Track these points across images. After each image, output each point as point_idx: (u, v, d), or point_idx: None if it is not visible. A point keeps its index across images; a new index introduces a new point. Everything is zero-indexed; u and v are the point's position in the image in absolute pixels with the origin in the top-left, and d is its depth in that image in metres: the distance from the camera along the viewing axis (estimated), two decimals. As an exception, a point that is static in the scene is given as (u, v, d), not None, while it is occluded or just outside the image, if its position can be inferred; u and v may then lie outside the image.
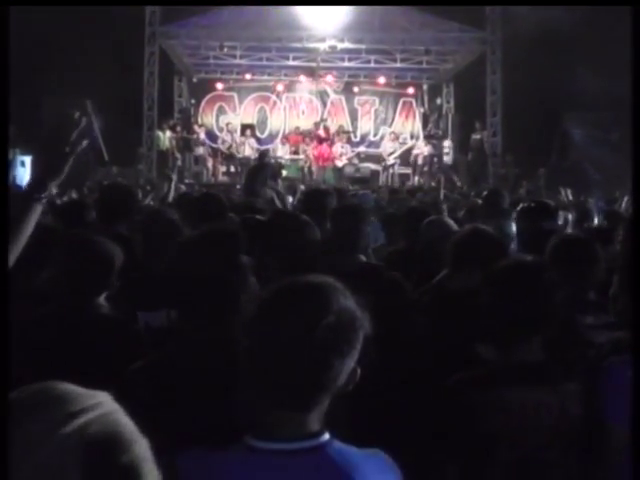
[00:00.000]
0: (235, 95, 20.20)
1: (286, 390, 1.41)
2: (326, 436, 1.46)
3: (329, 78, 19.75)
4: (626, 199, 8.78)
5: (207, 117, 20.07)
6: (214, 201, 4.23)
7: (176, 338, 2.07)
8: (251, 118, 19.62)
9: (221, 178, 18.11)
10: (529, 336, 2.21)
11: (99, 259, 2.59)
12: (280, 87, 19.98)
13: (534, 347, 2.20)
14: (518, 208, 4.98)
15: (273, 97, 20.11)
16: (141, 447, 0.93)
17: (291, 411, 1.43)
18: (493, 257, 3.01)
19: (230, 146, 18.09)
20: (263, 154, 12.83)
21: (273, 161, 14.42)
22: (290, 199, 7.14)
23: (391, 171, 18.28)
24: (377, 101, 20.46)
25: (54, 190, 8.38)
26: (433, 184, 17.12)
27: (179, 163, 17.38)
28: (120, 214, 3.85)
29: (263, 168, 11.42)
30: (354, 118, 20.24)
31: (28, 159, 14.12)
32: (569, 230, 4.64)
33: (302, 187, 9.41)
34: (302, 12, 16.14)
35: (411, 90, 20.48)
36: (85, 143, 2.10)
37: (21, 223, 2.09)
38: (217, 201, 4.26)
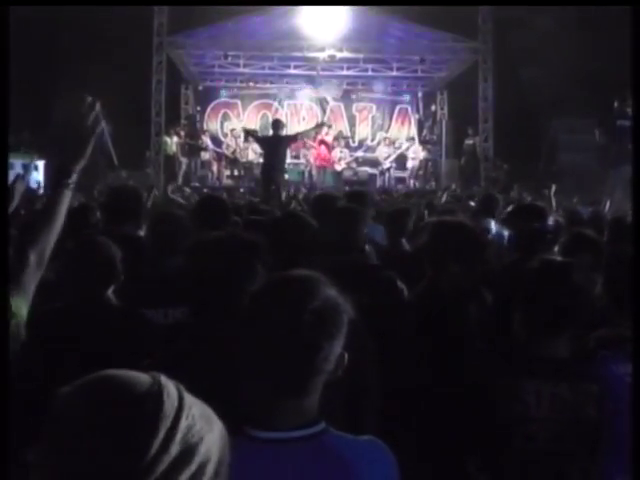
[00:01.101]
0: (239, 102, 20.20)
1: (281, 375, 1.42)
2: (322, 424, 1.46)
3: (328, 86, 19.74)
4: (609, 201, 8.76)
5: (212, 123, 20.07)
6: (218, 203, 4.22)
7: (187, 336, 2.05)
8: (254, 124, 19.59)
9: (225, 181, 18.10)
10: (556, 333, 2.20)
11: (100, 256, 2.65)
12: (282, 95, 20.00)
13: (560, 345, 2.19)
14: (509, 210, 4.96)
15: (275, 104, 20.11)
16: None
17: (287, 397, 1.44)
18: (467, 245, 2.98)
19: (234, 151, 18.11)
20: (277, 124, 11.31)
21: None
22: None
23: (387, 175, 18.28)
24: (374, 108, 20.44)
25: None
26: (427, 187, 17.14)
27: (184, 167, 17.38)
28: (127, 215, 3.83)
29: (281, 141, 10.88)
30: (352, 124, 20.23)
31: (41, 163, 14.12)
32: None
33: (304, 190, 9.36)
34: (303, 23, 16.13)
35: (407, 97, 20.49)
36: (103, 125, 2.10)
37: (52, 211, 2.11)
38: (220, 203, 4.26)
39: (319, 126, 15.36)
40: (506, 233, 5.19)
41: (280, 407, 1.45)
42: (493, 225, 5.14)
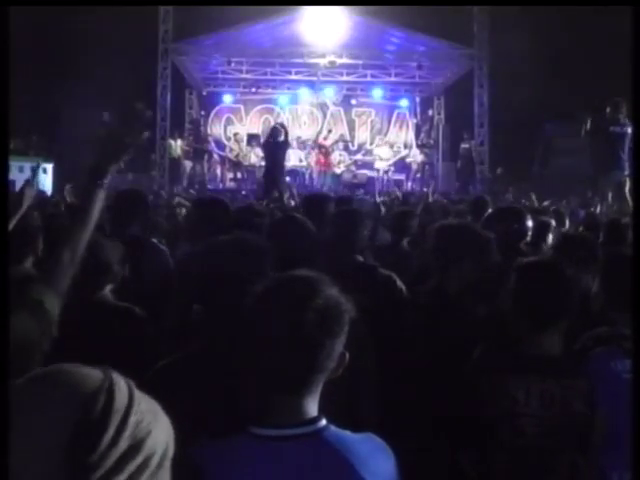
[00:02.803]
0: (242, 107, 20.18)
1: (283, 372, 1.42)
2: (323, 422, 1.46)
3: (329, 91, 19.75)
4: (599, 205, 8.76)
5: (216, 127, 20.06)
6: (219, 204, 4.24)
7: (201, 336, 2.04)
8: (256, 128, 19.57)
9: (228, 184, 18.10)
10: (542, 330, 2.19)
11: (96, 257, 2.64)
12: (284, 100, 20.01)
13: (548, 341, 2.19)
14: (488, 213, 4.94)
15: (277, 109, 20.11)
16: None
17: (289, 394, 1.44)
18: (471, 247, 2.98)
19: (237, 155, 18.11)
20: (275, 131, 11.39)
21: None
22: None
23: (386, 177, 18.28)
24: (373, 112, 20.43)
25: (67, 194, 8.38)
26: (425, 190, 17.13)
27: (188, 170, 17.40)
28: (132, 217, 3.83)
29: (280, 147, 11.01)
30: (352, 128, 20.21)
31: (50, 166, 14.12)
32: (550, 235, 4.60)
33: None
34: (303, 30, 16.16)
35: (405, 102, 20.47)
36: (146, 135, 2.09)
37: (87, 210, 2.12)
38: (222, 205, 4.28)
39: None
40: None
41: (281, 404, 1.45)
42: None
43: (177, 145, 17.36)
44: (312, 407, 1.47)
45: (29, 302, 1.63)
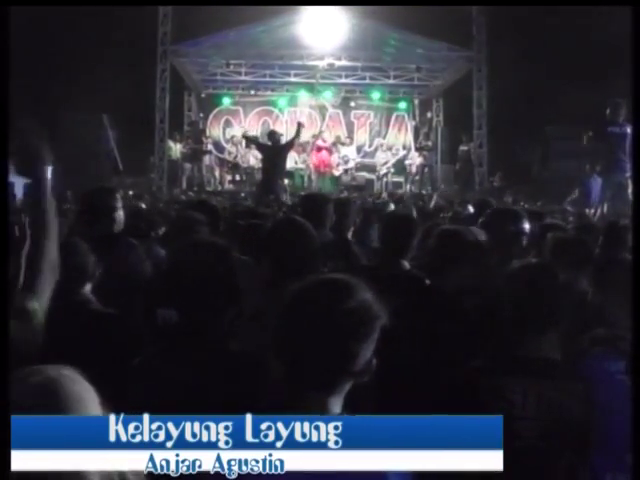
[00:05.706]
0: (240, 109, 20.16)
1: (309, 370, 1.49)
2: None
3: (327, 93, 19.76)
4: (599, 208, 8.75)
5: (214, 130, 20.02)
6: (207, 207, 4.28)
7: (175, 335, 2.12)
8: (255, 131, 19.55)
9: (227, 186, 18.10)
10: (539, 333, 2.19)
11: (71, 257, 2.65)
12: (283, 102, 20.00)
13: (545, 344, 2.18)
14: (485, 214, 4.92)
15: (275, 111, 20.09)
16: None
17: (314, 391, 1.50)
18: (468, 250, 2.99)
19: (235, 157, 18.10)
20: (273, 135, 11.63)
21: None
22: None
23: (385, 180, 18.29)
24: (372, 115, 20.42)
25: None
26: (424, 192, 17.13)
27: (187, 172, 17.40)
28: (99, 214, 3.73)
29: (279, 151, 11.08)
30: (351, 130, 20.20)
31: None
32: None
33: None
34: (302, 32, 16.18)
35: (403, 104, 20.47)
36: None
37: (48, 219, 2.12)
38: (209, 207, 4.32)
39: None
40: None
41: (309, 399, 1.51)
42: None
43: (176, 147, 17.35)
44: (337, 404, 1.53)
45: (13, 310, 1.70)
